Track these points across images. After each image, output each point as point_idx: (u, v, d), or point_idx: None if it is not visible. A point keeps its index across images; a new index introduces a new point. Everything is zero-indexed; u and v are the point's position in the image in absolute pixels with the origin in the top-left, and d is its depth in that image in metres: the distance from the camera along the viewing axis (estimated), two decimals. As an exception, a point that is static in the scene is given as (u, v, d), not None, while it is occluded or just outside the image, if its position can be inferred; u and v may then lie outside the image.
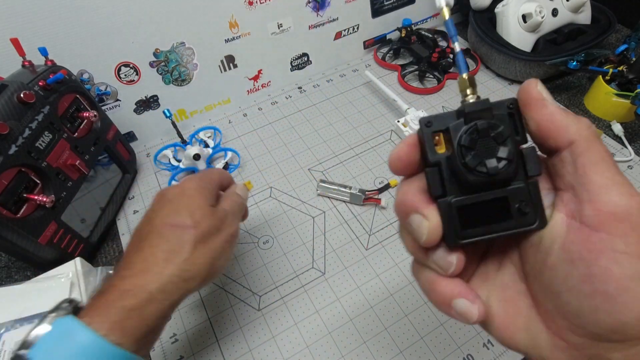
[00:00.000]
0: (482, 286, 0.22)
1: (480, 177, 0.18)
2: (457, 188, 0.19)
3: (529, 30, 0.64)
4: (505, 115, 0.19)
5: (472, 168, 0.18)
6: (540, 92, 0.19)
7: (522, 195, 0.19)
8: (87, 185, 0.49)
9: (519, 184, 0.19)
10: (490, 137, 0.18)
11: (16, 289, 0.41)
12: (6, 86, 0.40)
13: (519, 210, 0.19)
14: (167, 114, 0.56)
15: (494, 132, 0.18)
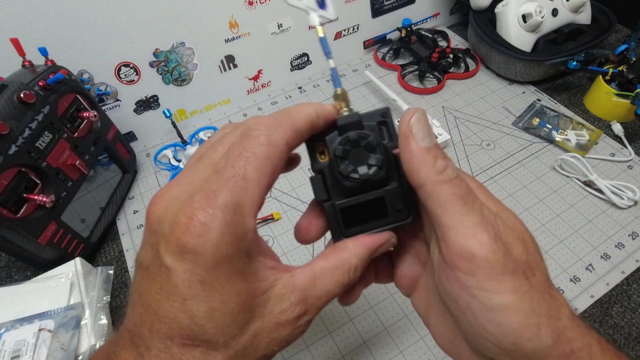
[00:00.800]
0: (424, 296, 0.23)
1: (354, 183, 0.20)
2: (340, 192, 0.21)
3: (529, 30, 0.64)
4: (375, 126, 0.21)
5: (346, 175, 0.20)
6: (410, 125, 0.19)
7: (396, 194, 0.21)
8: (87, 185, 0.49)
9: (394, 185, 0.21)
10: (361, 146, 0.20)
11: (16, 289, 0.41)
12: (6, 86, 0.40)
13: (394, 207, 0.21)
14: (167, 114, 0.56)
15: (364, 141, 0.20)
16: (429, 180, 0.18)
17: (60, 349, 0.37)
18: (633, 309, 0.43)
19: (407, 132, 0.19)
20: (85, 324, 0.39)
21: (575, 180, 0.53)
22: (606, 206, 0.51)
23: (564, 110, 0.63)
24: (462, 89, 0.67)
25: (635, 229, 0.48)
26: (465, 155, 0.58)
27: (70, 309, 0.39)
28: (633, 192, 0.50)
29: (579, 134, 0.58)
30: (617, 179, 0.53)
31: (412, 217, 0.22)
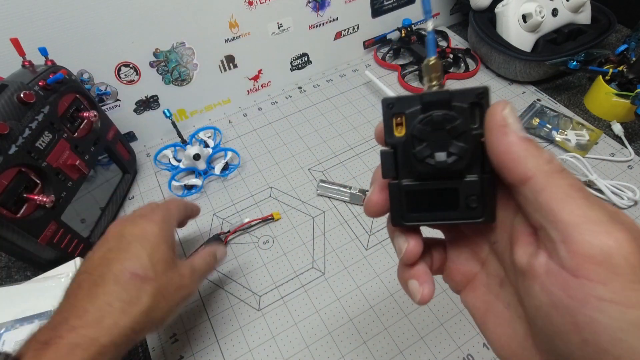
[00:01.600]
0: (483, 298, 0.21)
1: (428, 169, 0.18)
2: (409, 172, 0.19)
3: (529, 30, 0.64)
4: (466, 108, 0.18)
5: (421, 159, 0.18)
6: (505, 117, 0.17)
7: (473, 189, 0.19)
8: (87, 185, 0.49)
9: (473, 177, 0.19)
10: (445, 129, 0.18)
11: (16, 289, 0.41)
12: (6, 86, 0.40)
13: (467, 202, 0.19)
14: (167, 114, 0.56)
15: (449, 125, 0.18)
16: (540, 170, 0.16)
17: (60, 349, 0.37)
18: None
19: (503, 122, 0.17)
20: (85, 324, 0.39)
21: (575, 180, 0.53)
22: (606, 206, 0.51)
23: (564, 110, 0.63)
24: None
25: (635, 229, 0.48)
26: (465, 155, 0.58)
27: (70, 309, 0.39)
28: (633, 192, 0.50)
29: (579, 134, 0.58)
30: (617, 179, 0.53)
31: (485, 217, 0.19)
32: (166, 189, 0.57)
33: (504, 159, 0.17)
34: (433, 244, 0.23)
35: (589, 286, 0.14)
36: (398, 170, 0.19)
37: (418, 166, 0.18)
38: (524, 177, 0.16)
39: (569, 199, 0.15)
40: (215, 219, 0.53)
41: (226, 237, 0.49)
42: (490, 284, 0.21)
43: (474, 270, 0.22)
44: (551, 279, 0.16)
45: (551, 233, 0.16)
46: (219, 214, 0.53)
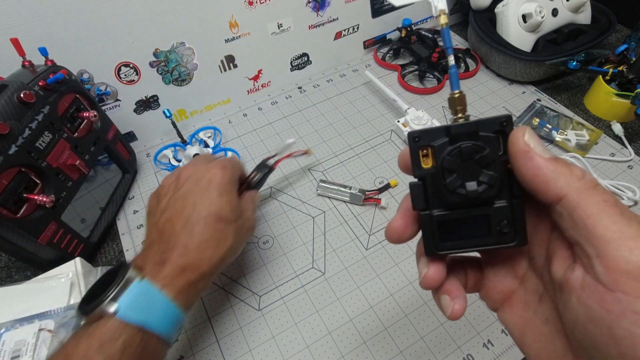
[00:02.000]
0: (521, 314, 0.21)
1: (459, 199, 0.19)
2: (440, 202, 0.20)
3: (529, 30, 0.64)
4: (492, 137, 0.19)
5: (452, 189, 0.19)
6: (526, 142, 0.18)
7: (504, 214, 0.19)
8: (87, 185, 0.49)
9: (502, 203, 0.19)
10: (474, 159, 0.18)
11: (16, 289, 0.41)
12: (6, 86, 0.39)
13: (499, 228, 0.19)
14: (167, 114, 0.56)
15: (477, 155, 0.18)
16: (573, 188, 0.16)
17: (60, 349, 0.37)
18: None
19: (526, 148, 0.17)
20: (85, 324, 0.39)
21: (575, 180, 0.53)
22: (606, 206, 0.51)
23: (564, 110, 0.63)
24: (462, 89, 0.67)
25: (635, 229, 0.48)
26: (465, 155, 0.58)
27: (70, 309, 0.39)
28: (633, 192, 0.50)
29: (579, 134, 0.58)
30: (617, 179, 0.53)
31: (518, 241, 0.20)
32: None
33: (534, 182, 0.17)
34: (467, 262, 0.23)
35: (626, 300, 0.15)
36: (428, 201, 0.20)
37: (449, 196, 0.19)
38: (557, 197, 0.17)
39: (603, 214, 0.16)
40: (215, 219, 0.53)
41: (276, 163, 0.50)
42: (528, 301, 0.21)
43: (512, 287, 0.22)
44: (587, 293, 0.16)
45: (587, 248, 0.16)
46: (219, 214, 0.53)
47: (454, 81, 0.20)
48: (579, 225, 0.16)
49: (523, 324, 0.21)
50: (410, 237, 0.22)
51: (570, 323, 0.18)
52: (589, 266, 0.16)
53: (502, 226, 0.19)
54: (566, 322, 0.18)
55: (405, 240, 0.22)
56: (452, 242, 0.20)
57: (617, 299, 0.15)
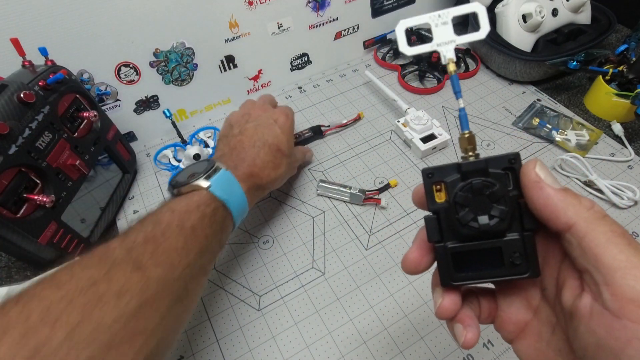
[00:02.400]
0: (536, 346, 0.22)
1: (471, 232, 0.20)
2: (454, 235, 0.21)
3: (529, 30, 0.64)
4: (501, 174, 0.20)
5: (465, 224, 0.20)
6: (537, 174, 0.19)
7: (515, 247, 0.20)
8: (87, 185, 0.49)
9: (514, 236, 0.20)
10: (485, 195, 0.20)
11: (16, 289, 0.41)
12: (6, 86, 0.39)
13: (511, 259, 0.20)
14: (167, 114, 0.56)
15: (488, 191, 0.20)
16: (581, 217, 0.17)
17: (60, 349, 0.37)
18: None
19: (537, 179, 0.19)
20: (85, 324, 0.39)
21: (575, 180, 0.53)
22: (606, 206, 0.51)
23: (564, 110, 0.63)
24: (462, 89, 0.67)
25: (635, 229, 0.48)
26: (465, 155, 0.58)
27: (70, 309, 0.39)
28: (633, 192, 0.50)
29: (579, 134, 0.58)
30: (617, 179, 0.53)
31: (530, 272, 0.20)
32: (166, 189, 0.57)
33: (545, 211, 0.18)
34: (481, 293, 0.24)
35: (632, 328, 0.15)
36: (442, 234, 0.21)
37: (462, 230, 0.20)
38: (566, 226, 0.18)
39: (611, 244, 0.16)
40: (215, 219, 0.53)
41: (325, 130, 0.62)
42: (542, 332, 0.22)
43: (526, 318, 0.22)
44: (596, 320, 0.17)
45: (595, 276, 0.17)
46: (219, 214, 0.53)
47: (463, 123, 0.21)
48: (587, 254, 0.17)
49: (537, 355, 0.21)
50: (426, 267, 0.22)
51: (581, 351, 0.18)
52: (597, 294, 0.17)
53: (514, 258, 0.20)
54: (577, 350, 0.18)
55: (422, 271, 0.22)
56: (466, 273, 0.21)
57: (623, 326, 0.15)
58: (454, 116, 0.63)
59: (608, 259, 0.16)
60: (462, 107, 0.21)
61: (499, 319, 0.23)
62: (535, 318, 0.22)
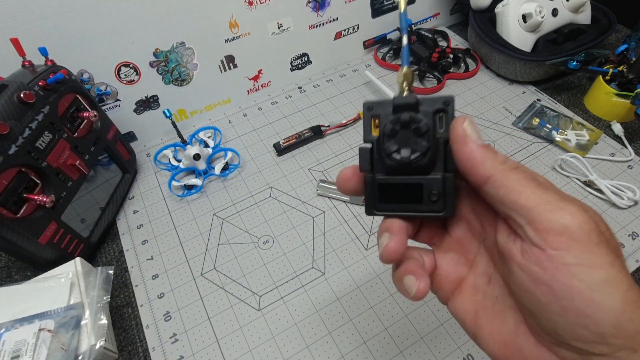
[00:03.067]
0: (472, 299, 0.22)
1: (394, 163, 0.21)
2: (382, 168, 0.22)
3: (529, 30, 0.64)
4: (430, 112, 0.21)
5: (389, 154, 0.21)
6: (464, 129, 0.20)
7: (435, 185, 0.21)
8: (87, 185, 0.49)
9: (436, 175, 0.21)
10: (411, 129, 0.20)
11: (16, 289, 0.41)
12: (6, 86, 0.39)
13: (429, 197, 0.21)
14: (167, 114, 0.56)
15: (414, 125, 0.20)
16: (497, 169, 0.19)
17: (60, 349, 0.37)
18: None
19: (463, 133, 0.20)
20: (85, 324, 0.39)
21: (575, 180, 0.53)
22: (606, 206, 0.51)
23: (564, 110, 0.63)
24: (462, 89, 0.68)
25: (635, 229, 0.48)
26: (465, 155, 0.58)
27: (70, 309, 0.39)
28: (633, 192, 0.50)
29: (579, 134, 0.58)
30: (617, 179, 0.53)
31: (446, 211, 0.21)
32: (166, 189, 0.57)
33: (467, 164, 0.20)
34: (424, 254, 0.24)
35: (557, 255, 0.17)
36: (373, 165, 0.22)
37: (387, 160, 0.21)
38: (484, 178, 0.19)
39: (523, 188, 0.18)
40: (215, 219, 0.53)
41: (325, 130, 0.61)
42: (477, 284, 0.23)
43: (462, 274, 0.23)
44: (526, 257, 0.18)
45: (517, 219, 0.18)
46: (219, 214, 0.53)
47: (404, 58, 0.22)
48: (506, 200, 0.18)
49: (475, 308, 0.22)
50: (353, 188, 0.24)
51: (517, 290, 0.19)
52: (523, 234, 0.18)
53: (432, 195, 0.21)
54: (514, 291, 0.20)
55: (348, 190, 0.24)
56: (389, 204, 0.22)
57: (549, 256, 0.17)
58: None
59: (524, 200, 0.18)
60: (406, 45, 0.22)
61: (437, 278, 0.24)
62: (471, 272, 0.23)
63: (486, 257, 0.23)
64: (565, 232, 0.17)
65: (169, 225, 0.53)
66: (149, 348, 0.42)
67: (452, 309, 0.23)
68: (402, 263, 0.22)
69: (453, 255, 0.24)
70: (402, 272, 0.22)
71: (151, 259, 0.49)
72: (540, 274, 0.17)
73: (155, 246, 0.51)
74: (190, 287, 0.47)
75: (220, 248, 0.50)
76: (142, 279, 0.48)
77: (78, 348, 0.37)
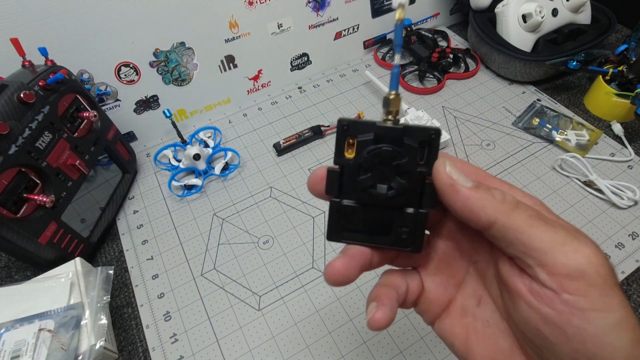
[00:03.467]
0: (461, 321, 0.22)
1: (367, 197, 0.20)
2: (351, 194, 0.20)
3: (529, 30, 0.64)
4: (414, 148, 0.19)
5: (364, 188, 0.19)
6: (449, 175, 0.19)
7: (407, 221, 0.20)
8: (87, 185, 0.49)
9: (409, 210, 0.20)
10: (391, 164, 0.19)
11: (16, 289, 0.41)
12: (6, 86, 0.40)
13: (398, 233, 0.20)
14: (167, 114, 0.56)
15: (395, 162, 0.19)
16: (499, 212, 0.18)
17: (60, 349, 0.37)
18: (633, 309, 0.43)
19: (450, 181, 0.18)
20: (85, 324, 0.39)
21: (575, 180, 0.53)
22: (606, 206, 0.51)
23: (564, 110, 0.63)
24: (462, 89, 0.68)
25: (635, 229, 0.48)
26: (465, 156, 0.58)
27: (70, 309, 0.39)
28: (633, 192, 0.50)
29: (579, 134, 0.58)
30: (617, 179, 0.53)
31: (413, 247, 0.20)
32: (166, 189, 0.57)
33: (464, 212, 0.18)
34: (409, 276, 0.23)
35: (572, 300, 0.16)
36: (341, 189, 0.20)
37: (360, 193, 0.20)
38: (488, 224, 0.18)
39: (533, 229, 0.17)
40: (215, 219, 0.53)
41: (325, 130, 0.61)
42: (466, 306, 0.22)
43: (451, 295, 0.22)
44: (537, 298, 0.17)
45: (527, 261, 0.17)
46: (219, 214, 0.53)
47: (393, 82, 0.20)
48: (515, 243, 0.17)
49: (464, 331, 0.21)
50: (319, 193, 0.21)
51: (522, 324, 0.18)
52: (533, 274, 0.17)
53: (402, 232, 0.20)
54: (517, 322, 0.19)
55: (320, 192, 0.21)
56: (353, 233, 0.21)
57: (564, 300, 0.16)
58: (454, 116, 0.63)
59: (535, 243, 0.17)
60: (397, 65, 0.20)
61: (425, 301, 0.22)
62: (459, 294, 0.22)
63: (476, 278, 0.22)
64: (582, 277, 0.16)
65: (169, 225, 0.53)
66: (149, 348, 0.42)
67: (438, 331, 0.22)
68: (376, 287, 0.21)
69: (441, 276, 0.23)
70: (370, 297, 0.21)
71: (151, 259, 0.49)
72: (552, 316, 0.17)
73: (155, 246, 0.51)
74: (190, 287, 0.47)
75: (220, 248, 0.50)
76: (142, 279, 0.48)
77: (78, 348, 0.37)
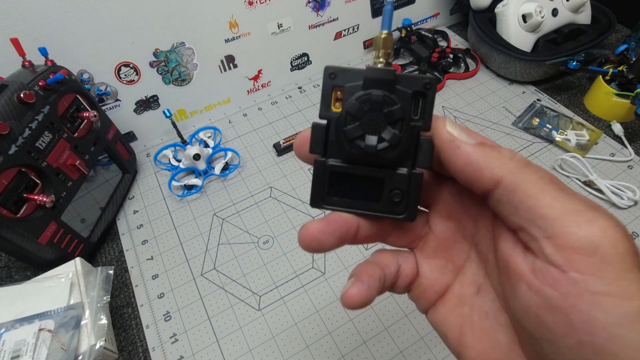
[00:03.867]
0: (456, 311, 0.19)
1: (355, 150, 0.17)
2: (338, 152, 0.18)
3: (529, 30, 0.64)
4: (408, 95, 0.17)
5: (351, 139, 0.17)
6: (450, 132, 0.16)
7: (400, 183, 0.18)
8: (87, 185, 0.49)
9: (402, 171, 0.18)
10: (382, 112, 0.16)
11: (16, 289, 0.41)
12: (6, 86, 0.40)
13: (390, 197, 0.18)
14: (167, 114, 0.56)
15: (387, 108, 0.16)
16: (508, 170, 0.15)
17: (60, 349, 0.37)
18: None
19: (451, 137, 0.16)
20: (85, 324, 0.39)
21: (575, 180, 0.53)
22: (606, 206, 0.51)
23: (564, 110, 0.63)
24: (462, 89, 0.68)
25: (635, 229, 0.48)
26: (465, 155, 0.58)
27: (70, 309, 0.39)
28: (633, 192, 0.50)
29: (579, 134, 0.58)
30: (617, 179, 0.53)
31: (406, 215, 0.18)
32: (166, 189, 0.57)
33: (467, 171, 0.16)
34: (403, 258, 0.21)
35: (581, 280, 0.14)
36: (327, 148, 0.18)
37: (347, 146, 0.17)
38: (494, 182, 0.16)
39: (543, 192, 0.15)
40: (215, 219, 0.53)
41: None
42: (464, 294, 0.19)
43: (448, 282, 0.20)
44: (539, 278, 0.15)
45: (533, 231, 0.15)
46: (219, 214, 0.53)
47: (385, 20, 0.17)
48: (521, 208, 0.15)
49: (459, 321, 0.19)
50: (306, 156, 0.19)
51: (520, 313, 0.16)
52: (537, 250, 0.15)
53: (394, 195, 0.18)
54: (515, 312, 0.16)
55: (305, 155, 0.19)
56: (340, 198, 0.18)
57: (572, 279, 0.14)
58: (454, 116, 0.63)
59: (544, 209, 0.14)
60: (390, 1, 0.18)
61: (419, 286, 0.20)
62: (457, 280, 0.20)
63: (477, 263, 0.20)
64: (596, 252, 0.13)
65: (169, 225, 0.53)
66: (149, 348, 0.42)
67: (432, 320, 0.20)
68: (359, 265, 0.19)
69: (439, 260, 0.20)
70: (351, 273, 0.19)
71: (151, 259, 0.50)
72: (557, 300, 0.14)
73: (155, 246, 0.51)
74: (190, 287, 0.47)
75: (220, 248, 0.50)
76: (142, 279, 0.48)
77: (78, 348, 0.37)
